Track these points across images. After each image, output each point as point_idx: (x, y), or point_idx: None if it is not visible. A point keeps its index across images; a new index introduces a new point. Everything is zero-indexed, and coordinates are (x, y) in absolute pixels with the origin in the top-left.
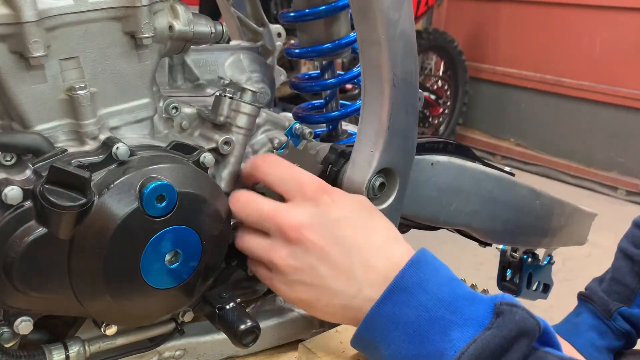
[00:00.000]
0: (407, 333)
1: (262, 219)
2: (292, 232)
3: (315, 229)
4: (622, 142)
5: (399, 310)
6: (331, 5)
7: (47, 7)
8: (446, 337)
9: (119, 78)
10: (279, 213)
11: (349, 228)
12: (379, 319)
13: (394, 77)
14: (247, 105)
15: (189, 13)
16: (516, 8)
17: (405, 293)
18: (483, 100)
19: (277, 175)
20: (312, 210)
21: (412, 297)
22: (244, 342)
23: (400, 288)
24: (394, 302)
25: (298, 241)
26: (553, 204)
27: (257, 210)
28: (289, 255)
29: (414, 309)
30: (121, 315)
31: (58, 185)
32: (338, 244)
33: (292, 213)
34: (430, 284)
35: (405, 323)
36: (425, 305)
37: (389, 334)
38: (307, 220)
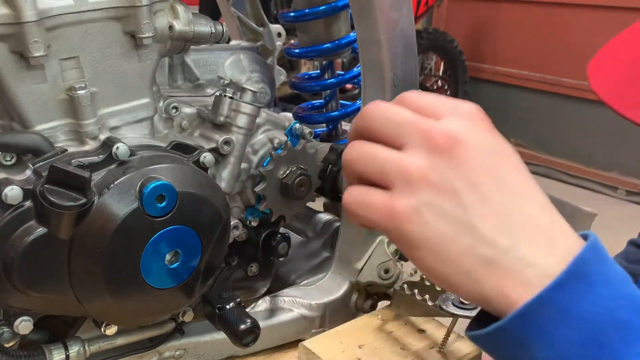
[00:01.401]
0: (581, 332)
1: (402, 124)
2: (442, 141)
3: (470, 147)
4: (622, 142)
5: (577, 303)
6: (331, 5)
7: (47, 7)
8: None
9: (119, 78)
10: (426, 122)
11: (508, 164)
12: (547, 310)
13: (394, 77)
14: (247, 105)
15: (189, 13)
16: (516, 8)
17: (586, 283)
18: (483, 100)
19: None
20: (469, 127)
21: (593, 289)
22: (244, 342)
23: (581, 275)
24: (571, 291)
25: (446, 153)
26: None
27: (397, 115)
28: (431, 167)
29: (592, 304)
30: (121, 315)
31: (58, 185)
32: (494, 176)
33: (443, 124)
34: (613, 277)
35: (580, 319)
36: (607, 302)
37: (555, 331)
38: (461, 134)
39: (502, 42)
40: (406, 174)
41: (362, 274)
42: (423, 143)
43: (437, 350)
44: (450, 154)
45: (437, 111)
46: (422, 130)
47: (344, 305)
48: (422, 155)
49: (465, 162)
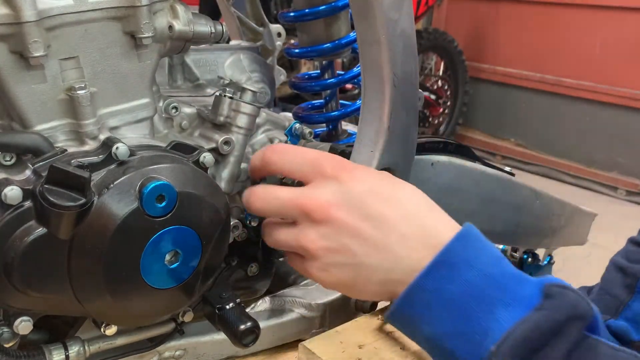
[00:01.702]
0: (450, 310)
1: (284, 207)
2: (318, 213)
3: (341, 206)
4: (622, 142)
5: (443, 286)
6: (331, 5)
7: (47, 7)
8: (492, 316)
9: (118, 78)
10: (301, 196)
11: (375, 201)
12: (420, 294)
13: (394, 77)
14: (247, 105)
15: (189, 13)
16: (516, 8)
17: (451, 268)
18: (483, 100)
19: (290, 161)
20: (335, 188)
21: (458, 273)
22: (244, 342)
23: (445, 263)
24: (439, 277)
25: (326, 221)
26: (553, 204)
27: (276, 199)
28: (319, 237)
29: (459, 286)
30: (121, 315)
31: (58, 185)
32: (367, 218)
33: (314, 194)
34: (478, 261)
35: (449, 299)
36: (472, 282)
37: (430, 309)
38: (331, 199)
39: (502, 42)
40: (307, 249)
41: None
42: (306, 218)
43: None
44: (329, 221)
45: (306, 175)
46: (300, 207)
47: (344, 305)
48: (310, 229)
49: (343, 220)
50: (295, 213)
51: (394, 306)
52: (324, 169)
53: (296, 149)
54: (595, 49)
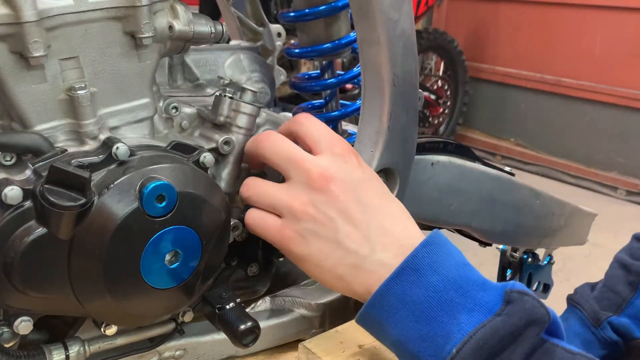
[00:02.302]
0: (414, 313)
1: (289, 160)
2: (319, 180)
3: (341, 182)
4: (622, 142)
5: (409, 290)
6: (331, 5)
7: (47, 7)
8: (454, 320)
9: (119, 78)
10: (308, 159)
11: (370, 190)
12: (387, 298)
13: (394, 77)
14: (247, 105)
15: (189, 13)
16: (516, 8)
17: (417, 273)
18: (483, 100)
19: (313, 128)
20: (340, 165)
21: (422, 278)
22: (244, 342)
23: (411, 268)
24: (404, 281)
25: (322, 190)
26: (553, 204)
27: (287, 150)
28: (310, 202)
29: (423, 290)
30: (121, 315)
31: (58, 185)
32: (359, 202)
33: (321, 162)
34: (443, 266)
35: (413, 302)
36: (436, 286)
37: (396, 313)
38: (334, 173)
39: (502, 42)
40: (292, 209)
41: None
42: (305, 181)
43: None
44: (325, 191)
45: (318, 146)
46: (304, 169)
47: (344, 305)
48: (304, 192)
49: (337, 195)
50: (295, 171)
51: (363, 309)
52: (335, 147)
53: (322, 124)
54: (595, 49)
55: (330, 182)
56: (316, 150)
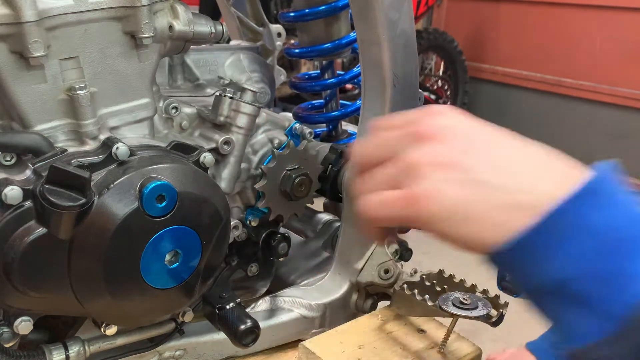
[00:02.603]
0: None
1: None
2: (427, 130)
3: (453, 125)
4: (622, 142)
5: (592, 213)
6: (331, 5)
7: (47, 7)
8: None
9: (119, 78)
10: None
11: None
12: (562, 220)
13: (394, 77)
14: (247, 105)
15: (189, 13)
16: (516, 8)
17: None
18: (483, 100)
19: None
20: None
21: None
22: (244, 342)
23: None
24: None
25: (434, 137)
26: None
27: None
28: (427, 153)
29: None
30: (121, 315)
31: (58, 185)
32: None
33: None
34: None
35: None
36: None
37: (571, 241)
38: (447, 122)
39: (502, 42)
40: (410, 168)
41: (362, 274)
42: (413, 141)
43: (437, 350)
44: (438, 138)
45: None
46: (409, 133)
47: (344, 305)
48: (416, 149)
49: (453, 137)
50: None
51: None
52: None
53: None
54: (595, 49)
55: (441, 129)
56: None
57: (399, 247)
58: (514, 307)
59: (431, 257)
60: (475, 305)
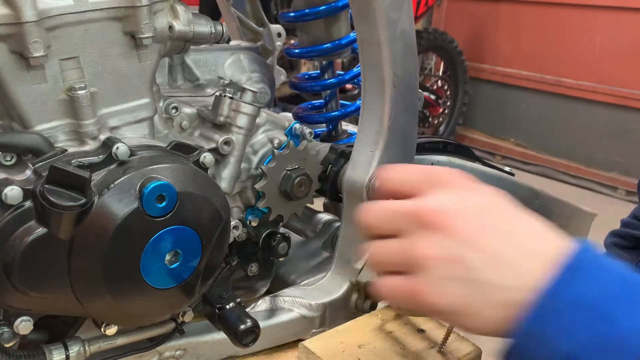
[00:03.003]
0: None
1: (394, 215)
2: (436, 217)
3: (461, 213)
4: (622, 142)
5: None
6: (331, 5)
7: (47, 7)
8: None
9: (119, 78)
10: (417, 204)
11: (495, 212)
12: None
13: (394, 77)
14: (247, 105)
15: (189, 13)
16: (516, 8)
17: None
18: (483, 100)
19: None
20: (452, 196)
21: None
22: (244, 342)
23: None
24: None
25: (443, 227)
26: (553, 204)
27: (387, 208)
28: (433, 245)
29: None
30: (121, 315)
31: (58, 185)
32: (488, 229)
33: (430, 200)
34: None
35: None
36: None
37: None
38: (448, 205)
39: (502, 42)
40: (416, 259)
41: (362, 274)
42: (419, 226)
43: (437, 350)
44: (443, 228)
45: (416, 187)
46: (413, 214)
47: (344, 305)
48: (422, 237)
49: (458, 229)
50: (409, 221)
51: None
52: (440, 179)
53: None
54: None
55: (447, 216)
56: (418, 191)
57: None
58: None
59: None
60: None
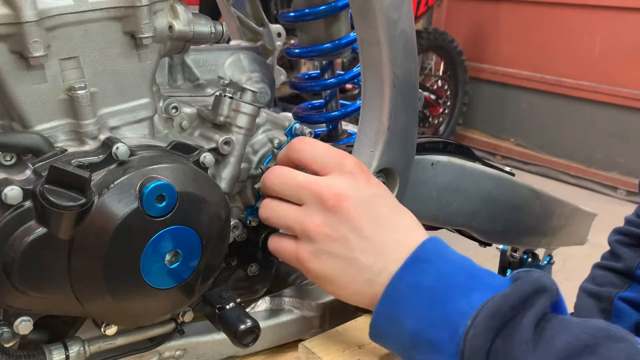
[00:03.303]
0: (428, 297)
1: (299, 187)
2: (331, 200)
3: (353, 200)
4: (622, 142)
5: (420, 278)
6: (331, 5)
7: (47, 7)
8: (466, 299)
9: (119, 78)
10: (317, 181)
11: (382, 206)
12: (400, 289)
13: (394, 77)
14: (247, 105)
15: (189, 13)
16: (516, 8)
17: (427, 262)
18: (483, 100)
19: (315, 152)
20: (351, 183)
21: (433, 266)
22: (244, 342)
23: (421, 259)
24: (416, 271)
25: (335, 209)
26: (553, 204)
27: (293, 179)
28: (324, 223)
29: (435, 276)
30: (121, 315)
31: (58, 185)
32: (373, 219)
33: (331, 182)
34: (450, 255)
35: (426, 288)
36: (446, 272)
37: (410, 302)
38: (346, 191)
39: (502, 42)
40: (306, 230)
41: None
42: (317, 202)
43: None
44: (338, 210)
45: (325, 167)
46: (315, 191)
47: (344, 305)
48: (317, 213)
49: (350, 213)
50: (307, 196)
51: (377, 310)
52: (345, 165)
53: (322, 143)
54: (595, 49)
55: (343, 200)
56: (324, 171)
57: None
58: None
59: None
60: None
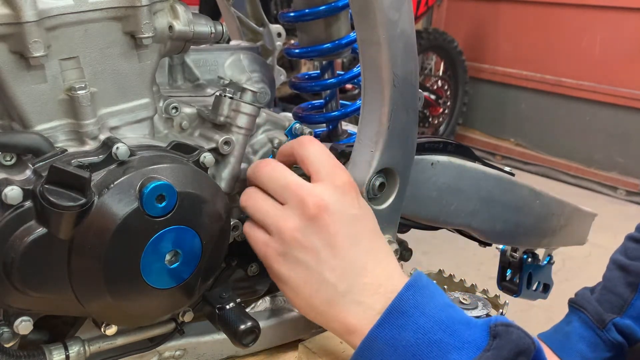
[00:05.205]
0: (405, 356)
1: (286, 187)
2: (312, 209)
3: (335, 215)
4: (622, 142)
5: (398, 334)
6: (331, 5)
7: (47, 7)
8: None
9: (119, 78)
10: (305, 187)
11: (362, 228)
12: (377, 344)
13: (394, 77)
14: (247, 105)
15: (189, 13)
16: (516, 8)
17: (404, 316)
18: (483, 100)
19: (318, 155)
20: (338, 198)
21: (410, 320)
22: (244, 342)
23: (398, 311)
24: (393, 326)
25: (314, 219)
26: (553, 204)
27: (284, 177)
28: (299, 229)
29: (412, 332)
30: (121, 315)
31: (58, 185)
32: (348, 238)
33: (318, 191)
34: (428, 307)
35: (404, 347)
36: (424, 328)
37: (387, 359)
38: (330, 204)
39: (502, 42)
40: (281, 230)
41: None
42: (298, 207)
43: None
44: (316, 220)
45: (319, 173)
46: (299, 196)
47: None
48: (295, 217)
49: (327, 226)
50: (291, 197)
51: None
52: (336, 178)
53: (325, 148)
54: (595, 49)
55: (324, 212)
56: (316, 177)
57: (398, 247)
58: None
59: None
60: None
